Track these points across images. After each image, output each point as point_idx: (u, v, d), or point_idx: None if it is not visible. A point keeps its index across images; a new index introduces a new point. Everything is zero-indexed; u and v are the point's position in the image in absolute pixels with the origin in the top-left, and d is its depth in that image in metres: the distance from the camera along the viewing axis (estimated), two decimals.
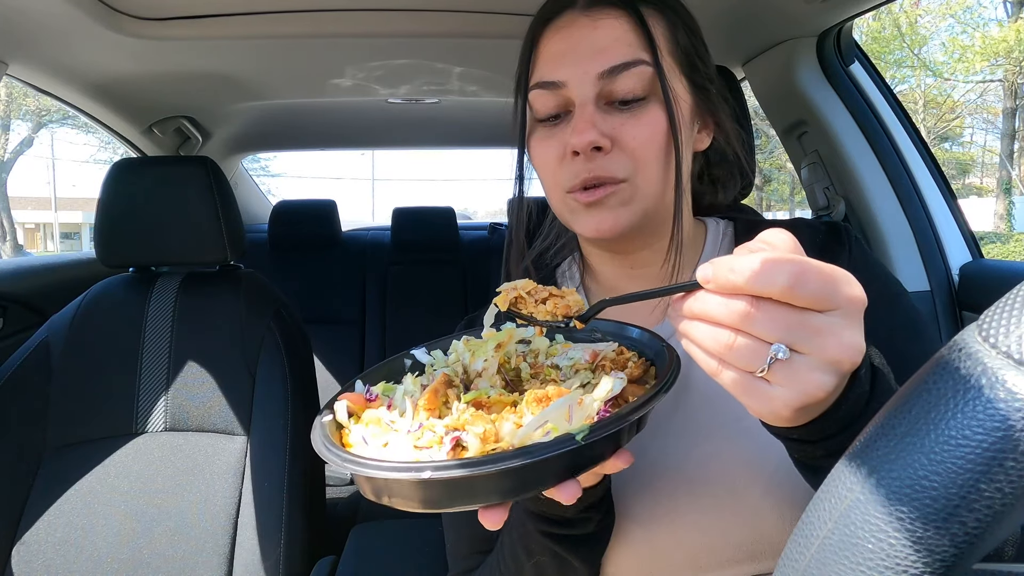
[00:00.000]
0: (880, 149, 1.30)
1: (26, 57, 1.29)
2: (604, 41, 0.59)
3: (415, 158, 49.89)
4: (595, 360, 0.52)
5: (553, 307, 0.50)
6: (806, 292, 0.35)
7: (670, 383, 0.44)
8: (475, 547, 0.67)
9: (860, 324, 0.36)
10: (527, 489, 0.42)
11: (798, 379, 0.36)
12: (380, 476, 0.39)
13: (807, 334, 0.36)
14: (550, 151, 0.62)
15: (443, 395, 0.48)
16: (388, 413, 0.48)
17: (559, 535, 0.54)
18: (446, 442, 0.42)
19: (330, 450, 0.43)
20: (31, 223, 22.55)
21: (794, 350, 0.36)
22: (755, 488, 0.57)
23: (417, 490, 0.40)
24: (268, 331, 1.24)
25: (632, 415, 0.42)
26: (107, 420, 1.20)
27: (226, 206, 1.27)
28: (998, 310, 0.24)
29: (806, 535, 0.28)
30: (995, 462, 0.22)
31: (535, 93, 0.62)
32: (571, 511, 0.52)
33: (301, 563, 1.14)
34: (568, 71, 0.60)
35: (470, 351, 0.53)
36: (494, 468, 0.38)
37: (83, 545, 1.11)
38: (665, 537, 0.59)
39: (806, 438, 0.41)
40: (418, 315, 2.28)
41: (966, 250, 1.30)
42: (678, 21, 0.63)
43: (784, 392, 0.37)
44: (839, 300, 0.35)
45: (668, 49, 0.61)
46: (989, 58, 12.85)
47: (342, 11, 1.22)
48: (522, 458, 0.39)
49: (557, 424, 0.42)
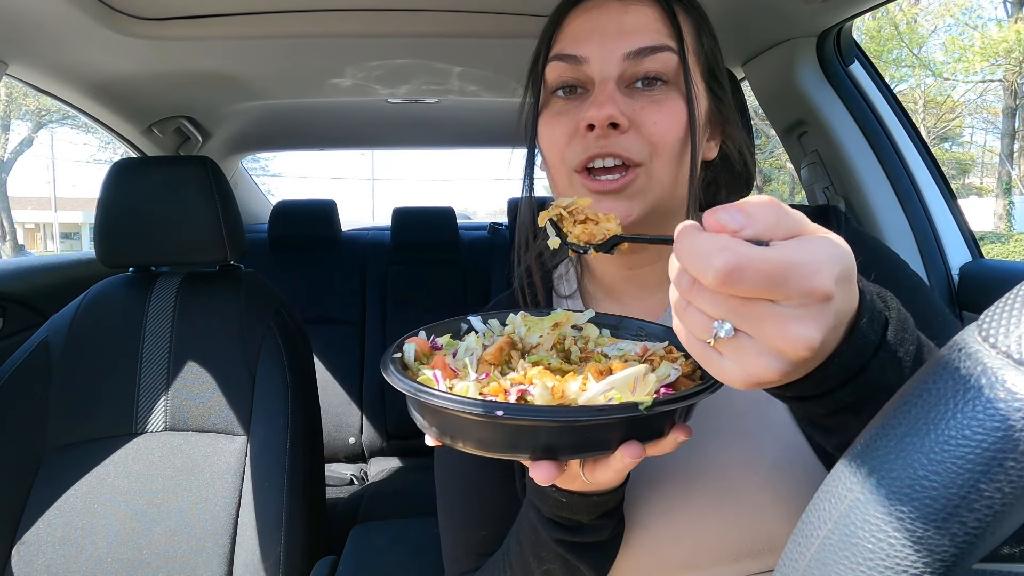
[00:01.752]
0: (880, 149, 1.30)
1: (26, 57, 1.29)
2: (633, 25, 0.58)
3: (415, 158, 49.91)
4: (645, 354, 0.52)
5: (583, 231, 0.50)
6: (740, 287, 0.33)
7: (715, 387, 0.45)
8: (472, 550, 0.67)
9: (817, 317, 0.33)
10: (584, 449, 0.43)
11: (743, 358, 0.35)
12: (455, 409, 0.41)
13: (748, 319, 0.34)
14: (560, 127, 0.60)
15: (507, 353, 0.50)
16: (453, 361, 0.50)
17: (572, 542, 0.53)
18: (512, 392, 0.44)
19: (404, 381, 0.45)
20: (31, 223, 22.54)
21: (739, 330, 0.35)
22: (752, 486, 0.57)
23: (486, 429, 0.42)
24: (268, 331, 1.24)
25: (692, 398, 0.43)
26: (107, 420, 1.20)
27: (226, 206, 1.27)
28: (998, 310, 0.24)
29: (806, 535, 0.28)
30: (995, 462, 0.22)
31: (553, 65, 0.60)
32: (586, 517, 0.52)
33: (301, 563, 1.14)
34: (592, 48, 0.58)
35: (527, 326, 0.54)
36: (564, 419, 0.41)
37: (83, 545, 1.11)
38: (663, 536, 0.59)
39: (802, 395, 0.39)
40: (418, 315, 2.26)
41: (966, 250, 1.30)
42: (703, 26, 0.63)
43: (732, 367, 0.36)
44: (789, 293, 0.33)
45: (693, 48, 0.60)
46: (989, 58, 12.85)
47: (342, 11, 1.22)
48: (592, 415, 0.41)
49: (621, 393, 0.44)
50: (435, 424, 0.45)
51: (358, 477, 2.11)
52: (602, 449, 0.43)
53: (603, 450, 0.43)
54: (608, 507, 0.52)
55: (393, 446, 2.19)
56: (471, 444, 0.43)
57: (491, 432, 0.43)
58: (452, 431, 0.44)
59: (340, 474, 2.10)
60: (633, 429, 0.43)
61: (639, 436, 0.44)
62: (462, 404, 0.41)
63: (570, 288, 0.72)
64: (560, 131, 0.60)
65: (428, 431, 0.46)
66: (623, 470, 0.45)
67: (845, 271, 0.34)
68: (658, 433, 0.45)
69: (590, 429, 0.42)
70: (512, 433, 0.42)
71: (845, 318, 0.36)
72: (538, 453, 0.43)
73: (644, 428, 0.44)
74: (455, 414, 0.42)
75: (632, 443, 0.43)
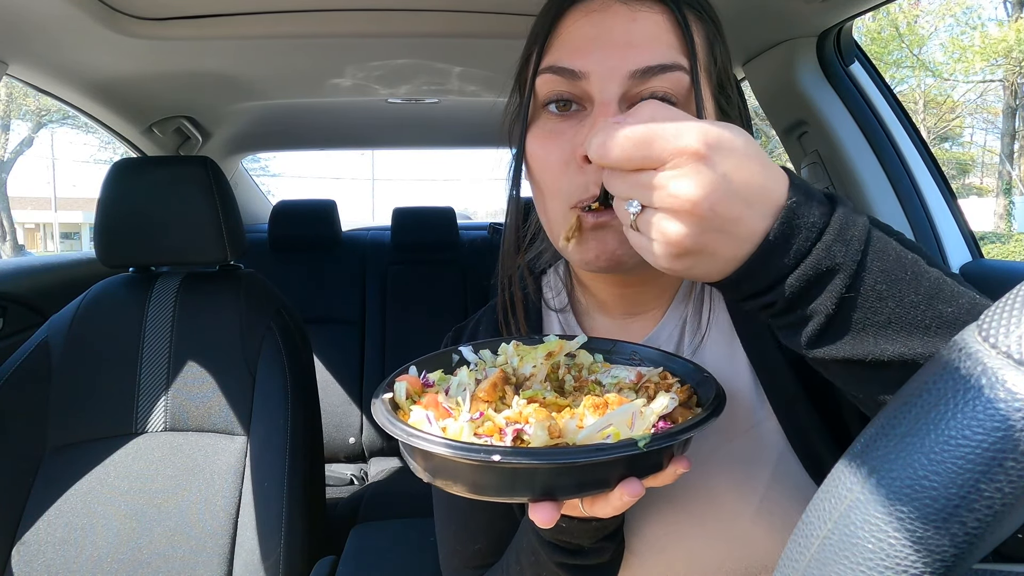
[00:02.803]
0: (880, 149, 1.30)
1: (26, 57, 1.29)
2: (641, 36, 0.51)
3: (415, 158, 49.87)
4: (640, 381, 0.52)
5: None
6: (613, 158, 0.39)
7: (720, 408, 0.45)
8: (467, 562, 0.66)
9: (693, 175, 0.37)
10: (583, 489, 0.42)
11: (654, 229, 0.39)
12: (446, 454, 0.40)
13: (641, 190, 0.39)
14: (554, 151, 0.53)
15: (500, 389, 0.49)
16: (446, 399, 0.49)
17: (573, 564, 0.53)
18: (508, 432, 0.43)
19: (396, 425, 0.44)
20: (31, 223, 22.52)
21: (645, 206, 0.40)
22: (745, 514, 0.56)
23: (480, 473, 0.41)
24: (268, 331, 1.24)
25: (691, 430, 0.43)
26: (107, 420, 1.20)
27: (226, 206, 1.27)
28: (998, 310, 0.24)
29: (806, 535, 0.28)
30: (995, 462, 0.22)
31: (545, 77, 0.53)
32: (587, 541, 0.51)
33: (301, 563, 1.14)
34: (594, 62, 0.51)
35: (519, 355, 0.53)
36: (562, 462, 0.40)
37: (83, 545, 1.11)
38: (655, 563, 0.58)
39: (755, 292, 0.40)
40: (418, 315, 2.28)
41: (966, 250, 1.29)
42: (717, 36, 0.56)
43: (652, 244, 0.40)
44: (661, 156, 0.38)
45: (704, 62, 0.54)
46: (989, 58, 12.84)
47: (342, 11, 1.22)
48: (590, 455, 0.40)
49: (619, 429, 0.43)
50: (428, 469, 0.44)
51: (358, 477, 2.11)
52: (601, 488, 0.42)
53: (602, 488, 0.43)
54: (608, 531, 0.52)
55: (393, 446, 2.19)
56: (466, 488, 0.42)
57: (487, 476, 0.41)
58: (446, 475, 0.43)
59: (340, 474, 2.10)
60: (632, 466, 0.42)
61: (638, 472, 0.43)
62: (456, 449, 0.40)
63: (561, 302, 0.68)
64: (554, 157, 0.53)
65: (422, 475, 0.45)
66: (622, 507, 0.44)
67: (719, 141, 0.38)
68: (656, 467, 0.44)
69: (588, 469, 0.41)
70: (509, 476, 0.41)
71: (759, 197, 0.38)
72: (536, 495, 0.42)
73: (643, 464, 0.43)
74: (449, 459, 0.41)
75: (631, 480, 0.42)
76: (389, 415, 0.46)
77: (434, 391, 0.51)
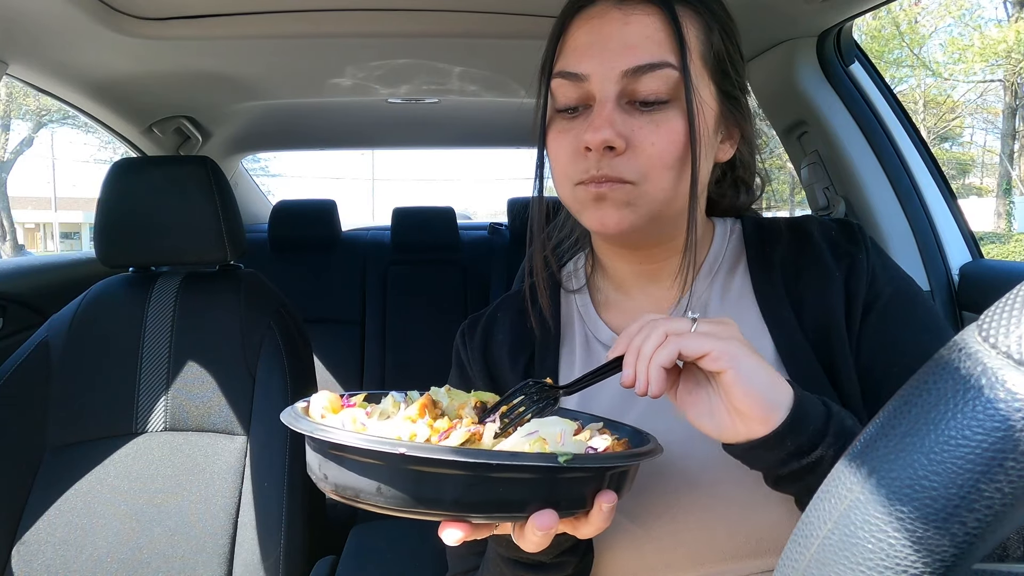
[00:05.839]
0: (880, 149, 1.30)
1: (26, 57, 1.29)
2: (633, 38, 0.57)
3: (415, 158, 49.85)
4: (579, 432, 0.51)
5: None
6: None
7: (653, 453, 0.44)
8: (472, 548, 0.67)
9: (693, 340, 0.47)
10: (494, 508, 0.38)
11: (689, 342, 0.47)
12: (354, 445, 0.37)
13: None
14: (565, 145, 0.61)
15: (431, 411, 0.48)
16: (363, 414, 0.48)
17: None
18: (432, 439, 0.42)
19: (299, 419, 0.42)
20: (31, 223, 22.52)
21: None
22: (759, 485, 0.57)
23: (386, 475, 0.37)
24: (268, 331, 1.24)
25: (620, 461, 0.41)
26: (107, 420, 1.20)
27: (226, 206, 1.27)
28: (998, 310, 0.24)
29: (806, 535, 0.28)
30: (995, 462, 0.22)
31: (557, 82, 0.61)
32: (546, 556, 0.51)
33: (301, 563, 1.14)
34: (592, 65, 0.58)
35: (450, 397, 0.53)
36: (472, 459, 0.36)
37: (83, 545, 1.11)
38: (666, 534, 0.59)
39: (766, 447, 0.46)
40: (418, 315, 2.28)
41: (966, 250, 1.29)
42: (715, 23, 0.61)
43: None
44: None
45: (700, 52, 0.59)
46: (988, 58, 12.84)
47: (342, 11, 1.22)
48: (503, 458, 0.36)
49: (548, 439, 0.41)
50: (333, 476, 0.40)
51: None
52: (514, 511, 0.38)
53: (515, 512, 0.38)
54: (565, 547, 0.52)
55: None
56: (371, 497, 0.38)
57: (395, 479, 0.37)
58: (351, 481, 0.39)
59: None
60: (551, 489, 0.38)
61: (557, 500, 0.39)
62: (364, 442, 0.36)
63: (579, 283, 0.73)
64: (564, 151, 0.61)
65: (324, 487, 0.41)
66: (539, 543, 0.41)
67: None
68: (579, 500, 0.40)
69: (501, 483, 0.37)
70: (414, 480, 0.37)
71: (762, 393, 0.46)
72: (445, 508, 0.38)
73: (564, 490, 0.39)
74: (355, 458, 0.37)
75: (546, 511, 0.38)
76: (298, 415, 0.44)
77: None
